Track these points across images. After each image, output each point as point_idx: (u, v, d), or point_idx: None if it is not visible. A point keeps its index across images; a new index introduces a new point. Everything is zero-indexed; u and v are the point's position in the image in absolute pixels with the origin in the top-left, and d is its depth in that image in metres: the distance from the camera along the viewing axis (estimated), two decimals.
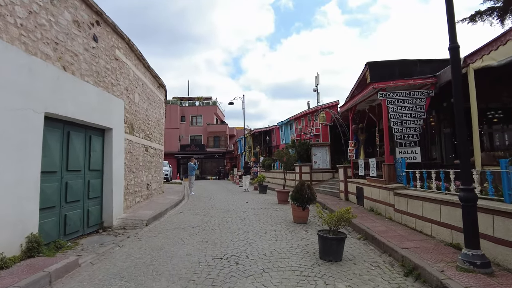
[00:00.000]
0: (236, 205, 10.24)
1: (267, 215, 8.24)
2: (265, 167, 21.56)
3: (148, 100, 10.65)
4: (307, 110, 19.64)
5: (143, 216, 7.63)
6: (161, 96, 12.56)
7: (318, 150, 15.17)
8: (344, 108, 10.82)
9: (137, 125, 9.32)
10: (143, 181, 9.91)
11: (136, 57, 9.18)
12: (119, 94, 7.79)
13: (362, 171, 9.41)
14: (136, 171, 9.23)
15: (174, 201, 10.60)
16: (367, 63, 9.45)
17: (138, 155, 9.40)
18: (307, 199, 7.19)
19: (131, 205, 8.67)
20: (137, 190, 9.25)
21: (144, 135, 10.12)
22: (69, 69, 5.55)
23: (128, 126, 8.49)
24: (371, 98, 9.17)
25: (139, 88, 9.49)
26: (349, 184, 10.40)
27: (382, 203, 7.68)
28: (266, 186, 14.49)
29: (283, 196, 10.42)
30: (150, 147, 10.82)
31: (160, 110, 12.48)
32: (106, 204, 7.06)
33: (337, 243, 4.63)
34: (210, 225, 7.08)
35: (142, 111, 9.89)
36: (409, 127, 7.71)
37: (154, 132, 11.44)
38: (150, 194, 10.90)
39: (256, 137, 29.74)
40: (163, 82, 12.29)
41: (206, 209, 9.51)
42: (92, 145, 6.62)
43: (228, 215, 8.31)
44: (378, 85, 7.73)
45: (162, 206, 9.32)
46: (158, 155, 12.10)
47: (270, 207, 9.68)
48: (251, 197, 12.91)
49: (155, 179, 11.56)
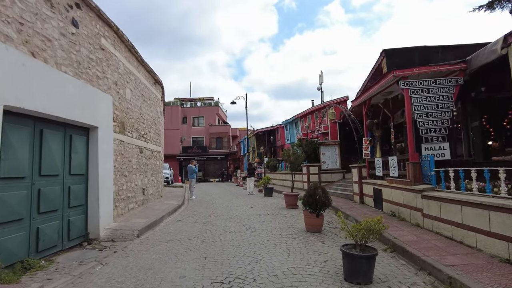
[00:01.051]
0: (240, 211, 9.33)
1: (275, 223, 7.32)
2: (270, 168, 20.62)
3: (143, 97, 9.79)
4: (314, 106, 18.59)
5: (136, 226, 6.75)
6: (157, 93, 11.71)
7: (326, 149, 14.22)
8: (356, 102, 9.88)
9: (130, 124, 8.46)
10: (137, 186, 9.04)
11: (126, 48, 8.32)
12: (107, 89, 6.93)
13: (380, 171, 8.45)
14: (129, 175, 8.36)
15: (172, 206, 9.72)
16: (383, 50, 8.52)
17: (131, 157, 8.53)
18: (322, 204, 6.27)
19: (123, 212, 7.80)
20: (130, 195, 8.38)
21: (138, 135, 9.26)
22: (40, 55, 4.68)
23: (119, 125, 7.63)
24: (388, 89, 8.24)
25: (131, 84, 8.64)
26: (364, 186, 9.44)
27: (407, 207, 6.73)
28: (272, 188, 13.56)
29: (291, 200, 9.49)
30: (145, 148, 9.96)
31: (157, 108, 11.62)
32: (91, 213, 6.19)
33: (367, 262, 3.70)
34: (210, 235, 6.17)
35: (136, 108, 9.04)
36: (435, 120, 6.76)
37: (150, 132, 10.58)
38: (146, 200, 10.02)
39: (260, 137, 28.80)
40: (159, 78, 11.43)
41: (207, 215, 8.61)
42: (74, 146, 5.75)
43: (231, 223, 7.40)
44: (399, 72, 6.80)
45: (158, 213, 8.43)
46: (155, 157, 11.24)
47: (278, 213, 8.76)
48: (256, 200, 11.99)
49: (151, 183, 10.69)
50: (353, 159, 15.32)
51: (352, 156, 15.56)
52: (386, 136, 10.55)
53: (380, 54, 8.70)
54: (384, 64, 8.55)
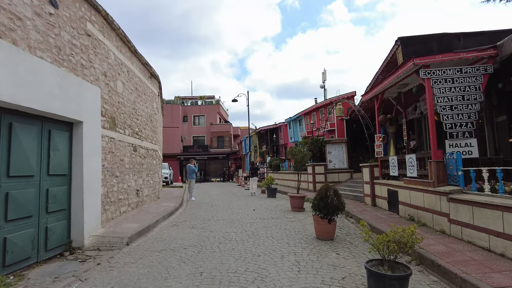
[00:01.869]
0: (242, 214, 8.62)
1: (280, 228, 6.60)
2: (273, 168, 19.88)
3: (137, 91, 9.10)
4: (319, 103, 17.74)
5: (126, 232, 6.06)
6: (153, 88, 11.01)
7: (333, 147, 13.47)
8: (367, 96, 9.14)
9: (122, 120, 7.77)
10: (130, 187, 8.35)
11: (118, 37, 7.62)
12: (94, 80, 6.23)
13: (395, 170, 7.72)
14: (121, 175, 7.67)
15: (169, 209, 9.03)
16: (399, 38, 7.77)
17: (123, 155, 7.84)
18: (334, 208, 5.54)
19: (113, 216, 7.11)
20: (122, 198, 7.69)
21: (132, 132, 8.56)
22: (7, 36, 3.99)
23: (108, 120, 6.93)
24: (405, 81, 7.51)
25: (123, 76, 7.94)
26: (376, 187, 8.71)
27: (428, 211, 6.00)
28: (275, 189, 12.83)
29: (297, 202, 8.77)
30: (140, 147, 9.27)
31: (153, 104, 10.92)
32: (75, 219, 5.51)
33: (399, 284, 2.99)
34: (209, 244, 5.46)
35: (128, 103, 8.34)
36: (461, 113, 6.02)
37: (145, 129, 9.88)
38: (141, 202, 9.33)
39: (262, 136, 28.02)
40: (155, 72, 10.73)
41: (206, 219, 7.90)
42: (53, 143, 5.06)
43: (232, 228, 6.69)
44: (420, 60, 6.06)
45: (153, 216, 7.74)
46: (151, 155, 10.55)
47: (283, 216, 8.04)
48: (259, 202, 11.27)
49: (147, 183, 10.00)
50: (361, 158, 14.59)
51: (360, 155, 14.82)
52: (398, 133, 9.81)
53: (394, 43, 7.95)
54: (400, 53, 7.81)
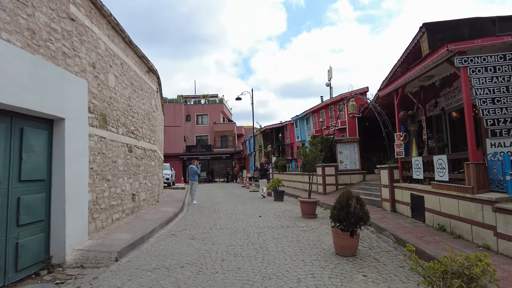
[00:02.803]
0: (248, 221, 7.81)
1: (292, 240, 5.78)
2: (279, 169, 19.02)
3: (132, 87, 8.33)
4: (329, 99, 16.72)
5: (116, 244, 5.29)
6: (151, 83, 10.24)
7: (344, 147, 12.60)
8: (385, 91, 8.28)
9: (114, 117, 7.00)
10: (125, 191, 7.58)
11: (109, 25, 6.85)
12: (80, 71, 5.46)
13: (420, 172, 6.85)
14: (114, 179, 6.90)
15: (167, 215, 8.25)
16: (424, 24, 6.90)
17: (116, 156, 7.07)
18: (358, 219, 4.71)
19: (104, 225, 6.34)
20: (114, 203, 6.92)
21: (126, 131, 7.79)
22: None
23: (98, 118, 6.17)
24: (431, 72, 6.63)
25: (116, 69, 7.17)
26: (397, 191, 7.85)
27: (466, 221, 5.14)
28: (283, 192, 11.99)
29: (308, 208, 7.94)
30: (136, 147, 8.50)
31: (151, 101, 10.15)
32: (55, 231, 4.74)
33: None
34: (210, 261, 4.66)
35: (122, 99, 7.57)
36: (506, 107, 5.14)
37: (142, 127, 9.12)
38: (138, 207, 8.57)
39: (267, 135, 27.15)
40: (153, 67, 9.96)
41: (207, 228, 7.10)
42: (26, 143, 4.30)
43: (236, 240, 5.88)
44: (455, 46, 5.20)
45: (149, 224, 6.97)
46: (149, 156, 9.78)
47: (294, 224, 7.21)
48: (265, 207, 10.45)
49: (144, 187, 9.23)
50: (374, 159, 13.71)
51: (373, 155, 13.93)
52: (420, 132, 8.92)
53: (419, 30, 7.08)
54: (424, 42, 6.94)
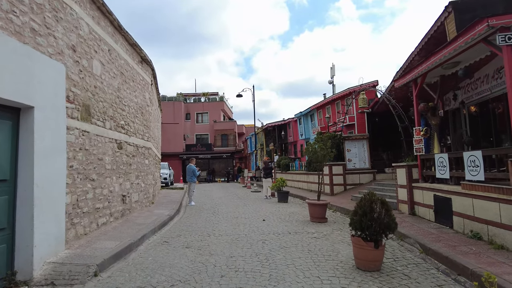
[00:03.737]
0: (250, 226, 7.02)
1: (303, 250, 4.98)
2: (282, 168, 18.20)
3: (122, 77, 7.54)
4: (336, 94, 15.74)
5: (97, 255, 4.51)
6: (145, 75, 9.45)
7: (352, 144, 11.79)
8: (403, 80, 7.46)
9: (100, 109, 6.22)
10: (113, 192, 6.79)
11: (94, 5, 6.05)
12: (55, 53, 4.68)
13: (445, 171, 6.05)
14: (99, 178, 6.12)
15: (162, 218, 7.46)
16: (451, 3, 6.09)
17: (102, 153, 6.29)
18: (384, 227, 3.92)
19: (87, 231, 5.56)
20: (100, 206, 6.14)
21: (115, 125, 7.01)
22: None
23: (79, 109, 5.38)
24: (458, 57, 5.82)
25: (102, 55, 6.38)
26: (416, 192, 7.05)
27: (510, 229, 4.34)
28: (287, 193, 11.19)
29: (318, 211, 7.14)
30: (126, 143, 7.71)
31: (145, 94, 9.36)
32: (21, 241, 3.97)
33: None
34: (206, 277, 3.86)
35: (110, 90, 6.79)
36: None
37: (134, 122, 8.33)
38: (129, 210, 7.78)
39: (269, 133, 26.29)
40: (147, 56, 9.16)
41: (205, 234, 6.31)
42: None
43: (238, 250, 5.08)
44: (499, 20, 4.39)
45: (140, 230, 6.18)
46: (142, 154, 8.99)
47: (302, 230, 6.42)
48: (269, 209, 9.65)
49: (137, 187, 8.44)
50: (383, 156, 12.90)
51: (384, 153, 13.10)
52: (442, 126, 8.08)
53: (443, 11, 6.27)
54: (451, 23, 6.13)
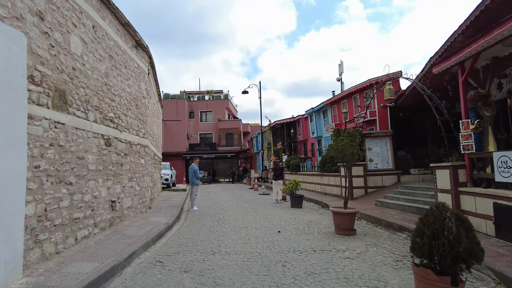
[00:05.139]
0: (264, 239, 5.81)
1: (338, 278, 3.76)
2: (291, 168, 16.94)
3: (112, 61, 6.40)
4: (354, 86, 14.14)
5: (65, 286, 3.35)
6: (141, 62, 8.30)
7: (374, 142, 10.55)
8: (446, 64, 6.21)
9: (81, 97, 5.08)
10: (98, 198, 5.65)
11: None
12: (9, 17, 3.56)
13: (510, 174, 4.79)
14: (80, 182, 4.98)
15: (158, 228, 6.30)
16: None
17: (84, 151, 5.15)
18: (466, 254, 2.70)
19: (60, 249, 4.42)
20: (80, 216, 4.99)
21: (102, 118, 5.87)
22: None
23: (50, 94, 4.25)
24: None
25: (84, 31, 5.25)
26: (464, 198, 5.80)
27: None
28: (302, 197, 9.96)
29: (345, 221, 5.91)
30: (117, 140, 6.57)
31: (140, 83, 8.21)
32: None
33: None
34: None
35: (96, 75, 5.65)
36: None
37: (127, 115, 7.19)
38: (119, 217, 6.64)
39: (277, 131, 24.94)
40: (143, 41, 8.02)
41: (209, 251, 5.11)
42: None
43: (251, 278, 3.87)
44: None
45: (129, 244, 5.02)
46: (137, 152, 7.85)
47: (329, 246, 5.19)
48: (283, 216, 8.43)
49: (130, 191, 7.30)
50: (410, 156, 11.59)
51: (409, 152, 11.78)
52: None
53: None
54: None
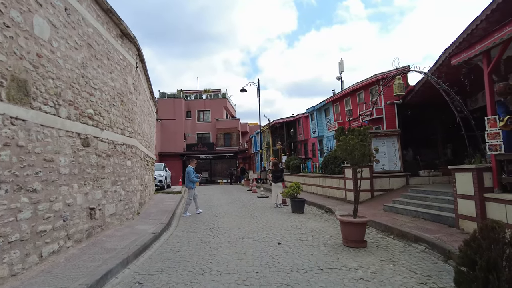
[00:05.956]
0: (262, 254, 5.08)
1: None
2: (291, 169, 16.22)
3: (91, 50, 5.66)
4: (358, 83, 13.17)
5: None
6: (127, 54, 7.56)
7: (381, 142, 9.85)
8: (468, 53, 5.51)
9: (49, 90, 4.35)
10: (73, 206, 4.92)
11: None
12: None
13: None
14: (48, 188, 4.26)
15: (142, 239, 5.57)
16: None
17: (54, 152, 4.43)
18: None
19: (18, 270, 3.69)
20: (47, 229, 4.26)
21: (78, 114, 5.14)
22: None
23: (4, 83, 3.52)
24: None
25: (52, 12, 4.52)
26: (491, 205, 5.10)
27: None
28: (304, 201, 9.23)
29: (355, 233, 5.19)
30: (97, 139, 5.84)
31: (127, 78, 7.47)
32: None
33: None
34: None
35: (70, 65, 4.92)
36: None
37: (109, 112, 6.45)
38: (100, 226, 5.90)
39: (276, 131, 24.17)
40: (129, 31, 7.28)
41: (198, 270, 4.37)
42: None
43: None
44: None
45: (105, 261, 4.28)
46: (122, 153, 7.12)
47: (338, 263, 4.47)
48: (283, 223, 7.69)
49: (113, 196, 6.56)
50: (418, 157, 10.89)
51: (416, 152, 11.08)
52: None
53: None
54: None
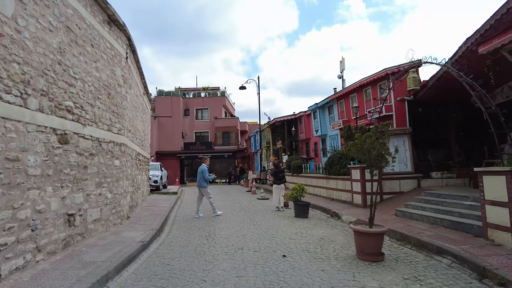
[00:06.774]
0: (264, 270, 4.39)
1: None
2: (292, 170, 15.54)
3: (70, 34, 4.97)
4: (365, 78, 12.21)
5: None
6: (116, 43, 6.86)
7: (390, 141, 9.20)
8: (499, 40, 4.85)
9: (14, 76, 3.67)
10: (46, 212, 4.23)
11: None
12: None
13: None
14: (9, 193, 3.58)
15: (129, 249, 4.89)
16: None
17: (19, 150, 3.75)
18: None
19: None
20: (9, 241, 3.57)
21: (52, 106, 4.45)
22: None
23: None
24: None
25: None
26: None
27: None
28: (308, 205, 8.55)
29: (372, 244, 4.52)
30: (78, 135, 5.15)
31: (115, 68, 6.77)
32: None
33: None
34: None
35: (41, 48, 4.23)
36: None
37: (94, 106, 5.76)
38: (82, 234, 5.22)
39: (277, 129, 23.42)
40: (118, 18, 6.58)
41: None
42: None
43: None
44: None
45: (79, 279, 3.60)
46: (109, 152, 6.43)
47: (357, 284, 3.78)
48: (287, 230, 7.00)
49: (98, 200, 5.87)
50: (429, 158, 10.24)
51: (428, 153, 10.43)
52: None
53: None
54: None
